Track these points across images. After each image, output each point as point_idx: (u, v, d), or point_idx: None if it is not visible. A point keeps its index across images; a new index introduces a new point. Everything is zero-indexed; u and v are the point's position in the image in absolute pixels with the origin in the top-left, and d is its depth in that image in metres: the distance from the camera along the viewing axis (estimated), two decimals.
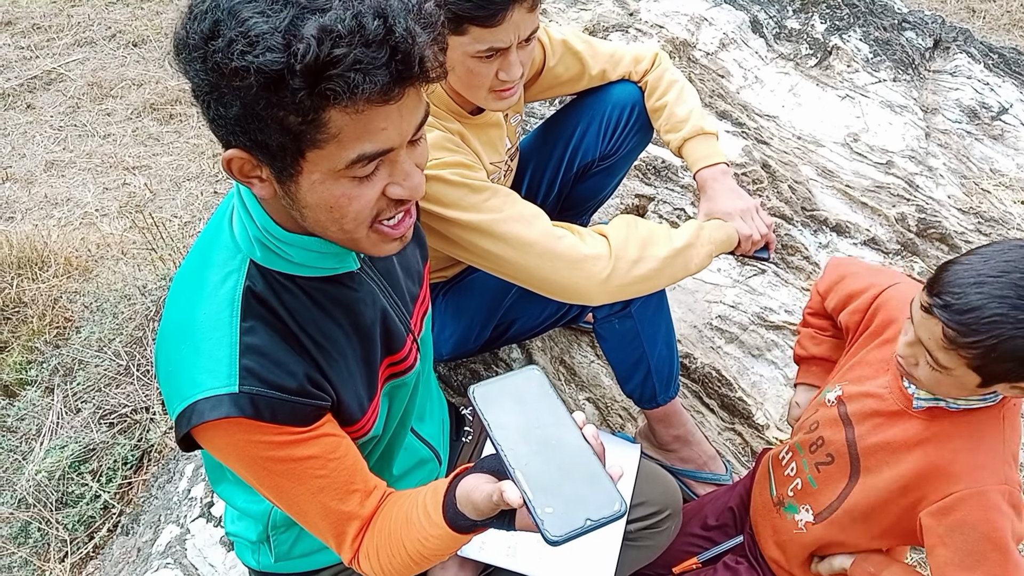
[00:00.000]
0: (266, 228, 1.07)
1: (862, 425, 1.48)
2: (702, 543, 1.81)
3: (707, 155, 1.84)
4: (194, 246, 1.18)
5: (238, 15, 0.86)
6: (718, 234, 1.71)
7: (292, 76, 0.85)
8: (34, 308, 3.21)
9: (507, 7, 1.45)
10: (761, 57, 3.42)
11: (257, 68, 0.85)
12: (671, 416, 2.03)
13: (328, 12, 0.86)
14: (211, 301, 1.07)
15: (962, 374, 1.25)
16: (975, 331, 1.18)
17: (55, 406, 2.75)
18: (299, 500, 1.12)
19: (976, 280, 1.20)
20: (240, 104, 0.89)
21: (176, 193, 4.20)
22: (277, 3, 0.87)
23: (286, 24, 0.85)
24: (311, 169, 0.96)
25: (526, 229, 1.55)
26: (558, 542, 0.89)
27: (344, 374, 1.16)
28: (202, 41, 0.88)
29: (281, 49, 0.85)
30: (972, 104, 3.31)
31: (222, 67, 0.87)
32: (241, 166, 0.98)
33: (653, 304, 1.84)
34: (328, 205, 1.00)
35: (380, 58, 0.88)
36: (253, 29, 0.85)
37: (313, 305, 1.13)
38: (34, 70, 5.22)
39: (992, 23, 5.44)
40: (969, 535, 1.29)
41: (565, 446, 0.96)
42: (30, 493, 2.49)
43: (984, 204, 2.93)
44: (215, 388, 1.02)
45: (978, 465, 1.31)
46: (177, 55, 0.93)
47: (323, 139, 0.92)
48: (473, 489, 1.01)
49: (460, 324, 1.94)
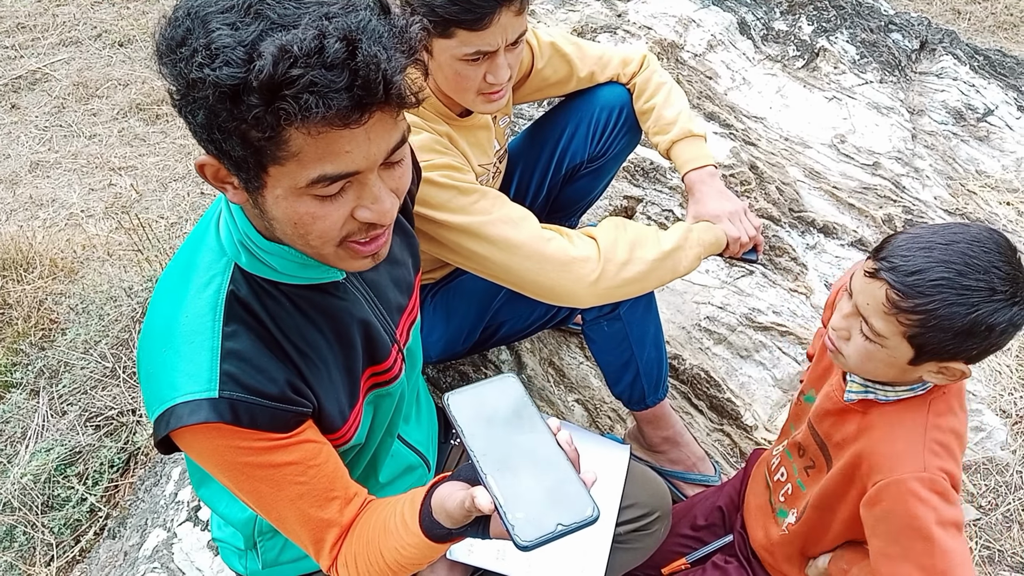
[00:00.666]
0: (247, 233, 1.06)
1: (821, 425, 1.50)
2: (691, 543, 1.82)
3: (695, 157, 1.85)
4: (181, 248, 1.17)
5: (207, 24, 0.86)
6: (707, 236, 1.71)
7: (248, 92, 0.84)
8: (19, 310, 3.18)
9: (494, 11, 1.45)
10: (749, 59, 3.43)
11: (212, 81, 0.84)
12: (660, 418, 2.03)
13: (293, 31, 0.85)
14: (194, 304, 1.06)
15: (895, 345, 1.26)
16: (919, 293, 1.20)
17: (40, 408, 2.73)
18: (278, 506, 1.12)
19: (925, 245, 1.22)
20: (204, 114, 0.88)
21: (162, 194, 4.18)
22: (248, 15, 0.86)
23: (252, 38, 0.84)
24: (274, 184, 0.94)
25: (514, 231, 1.54)
26: (528, 547, 0.88)
27: (325, 382, 1.15)
28: (169, 49, 0.89)
29: (241, 64, 0.84)
30: (958, 106, 3.34)
31: (185, 76, 0.87)
32: (215, 172, 0.97)
33: (641, 306, 1.84)
34: (292, 221, 0.98)
35: (338, 82, 0.85)
36: (216, 41, 0.84)
37: (296, 312, 1.12)
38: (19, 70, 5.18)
39: (977, 25, 5.47)
40: (893, 524, 1.29)
41: (538, 452, 0.96)
42: (15, 496, 2.47)
43: (970, 205, 2.95)
44: (194, 392, 1.01)
45: (896, 454, 1.31)
46: (158, 60, 0.93)
47: (283, 156, 0.91)
48: (447, 497, 1.00)
49: (449, 326, 1.93)
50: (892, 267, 1.23)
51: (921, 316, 1.21)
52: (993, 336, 1.20)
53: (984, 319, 1.18)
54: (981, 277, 1.18)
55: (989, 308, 1.18)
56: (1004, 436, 2.25)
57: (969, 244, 1.21)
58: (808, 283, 2.60)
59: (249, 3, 0.87)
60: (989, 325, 1.19)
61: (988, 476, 2.17)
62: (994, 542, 2.05)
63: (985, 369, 2.44)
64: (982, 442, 2.25)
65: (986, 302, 1.18)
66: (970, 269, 1.19)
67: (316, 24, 0.86)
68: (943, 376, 1.29)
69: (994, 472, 2.18)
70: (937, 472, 1.28)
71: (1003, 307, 1.18)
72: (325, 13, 0.87)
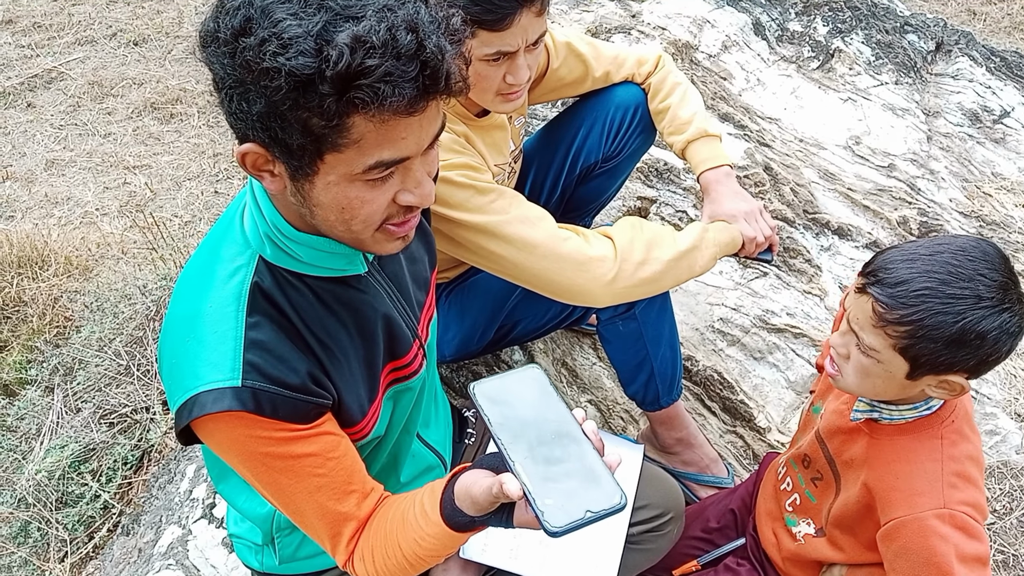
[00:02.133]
0: (275, 224, 1.07)
1: (831, 442, 1.50)
2: (703, 546, 1.81)
3: (710, 157, 1.85)
4: (204, 239, 1.18)
5: (271, 15, 0.87)
6: (722, 236, 1.71)
7: (322, 81, 0.86)
8: (34, 307, 3.20)
9: (515, 11, 1.45)
10: (763, 60, 3.42)
11: (288, 71, 0.85)
12: (674, 419, 2.03)
13: (362, 21, 0.87)
14: (218, 294, 1.07)
15: (889, 359, 1.25)
16: (903, 304, 1.20)
17: (55, 406, 2.75)
18: (296, 498, 1.12)
19: (908, 258, 1.23)
20: (265, 102, 0.89)
21: (176, 192, 4.20)
22: (310, 7, 0.87)
23: (319, 29, 0.86)
24: (327, 171, 0.96)
25: (531, 231, 1.55)
26: (558, 533, 0.89)
27: (346, 375, 1.16)
28: (232, 36, 0.88)
29: (313, 54, 0.85)
30: (974, 107, 3.32)
31: (252, 65, 0.87)
32: (255, 160, 0.98)
33: (657, 306, 1.84)
34: (340, 206, 1.00)
35: (410, 72, 0.88)
36: (287, 31, 0.85)
37: (319, 304, 1.13)
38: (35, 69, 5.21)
39: (993, 26, 5.44)
40: (913, 561, 1.28)
41: (565, 441, 0.97)
42: (30, 493, 2.49)
43: (986, 207, 2.94)
44: (218, 381, 1.02)
45: (915, 491, 1.30)
46: (203, 47, 0.93)
47: (344, 143, 0.93)
48: (472, 484, 1.01)
49: (464, 325, 1.93)
50: (877, 280, 1.24)
51: (908, 327, 1.21)
52: (986, 345, 1.19)
53: (972, 327, 1.18)
54: (966, 285, 1.18)
55: (976, 315, 1.17)
56: (1019, 440, 2.24)
57: (954, 254, 1.21)
58: (822, 285, 2.59)
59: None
60: (979, 333, 1.18)
61: (1003, 480, 2.16)
62: (1008, 546, 2.04)
63: (1000, 373, 2.43)
64: (996, 446, 2.23)
65: (972, 310, 1.17)
66: (954, 278, 1.19)
67: (382, 15, 0.88)
68: (944, 390, 1.28)
69: (1008, 476, 2.16)
70: (958, 506, 1.27)
71: (991, 314, 1.18)
72: (386, 4, 0.89)
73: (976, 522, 1.27)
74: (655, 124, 1.99)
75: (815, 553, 1.55)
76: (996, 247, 1.24)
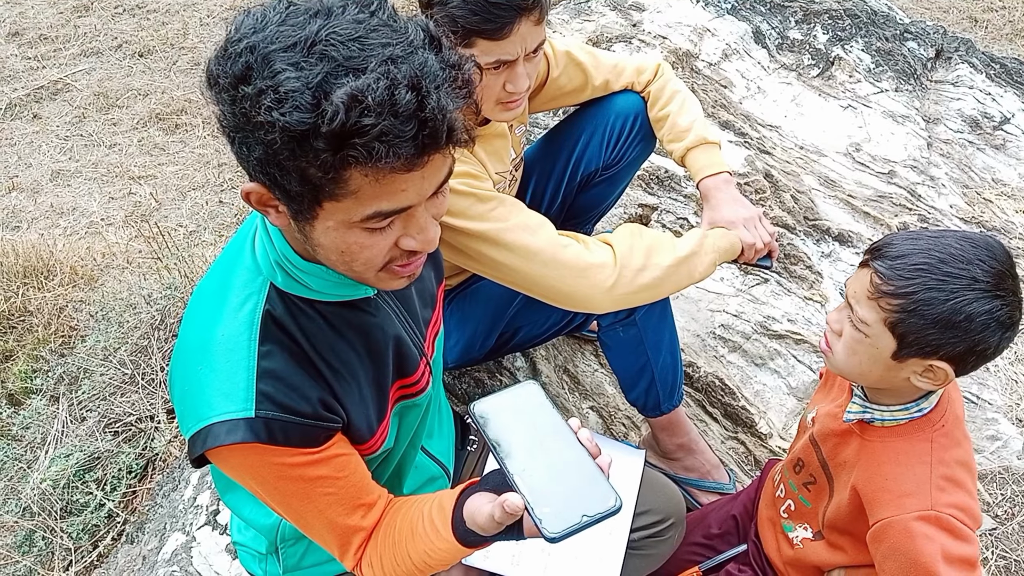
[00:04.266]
0: (284, 254, 1.08)
1: (824, 445, 1.51)
2: (704, 552, 1.81)
3: (710, 164, 1.86)
4: (214, 264, 1.19)
5: (271, 64, 0.86)
6: (722, 242, 1.72)
7: (316, 137, 0.84)
8: (39, 317, 3.21)
9: (514, 20, 1.46)
10: (764, 68, 3.43)
11: (283, 126, 0.84)
12: (675, 425, 2.03)
13: (362, 75, 0.85)
14: (230, 323, 1.07)
15: (878, 334, 1.27)
16: (900, 276, 1.23)
17: (60, 415, 2.76)
18: (307, 515, 1.14)
19: (912, 237, 1.27)
20: (263, 150, 0.88)
21: (181, 203, 4.22)
22: (312, 56, 0.85)
23: (318, 80, 0.84)
24: (326, 217, 0.96)
25: (531, 238, 1.56)
26: (557, 539, 0.92)
27: (356, 397, 1.17)
28: (232, 83, 0.88)
29: (309, 108, 0.84)
30: (974, 114, 3.33)
31: (249, 115, 0.86)
32: (259, 197, 0.98)
33: (657, 312, 1.85)
34: (339, 249, 1.00)
35: (407, 131, 0.86)
36: (284, 84, 0.84)
37: (329, 329, 1.13)
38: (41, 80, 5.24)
39: (994, 33, 5.45)
40: (900, 561, 1.29)
41: (561, 451, 1.00)
42: (35, 501, 2.50)
43: (986, 214, 2.94)
44: (232, 412, 1.03)
45: (904, 492, 1.32)
46: (208, 87, 0.92)
47: (341, 194, 0.92)
48: (476, 511, 1.03)
49: (465, 332, 1.94)
50: (878, 255, 1.28)
51: (901, 300, 1.23)
52: (974, 330, 1.20)
53: (962, 307, 1.19)
54: (963, 267, 1.20)
55: (968, 297, 1.19)
56: (1020, 445, 2.24)
57: (959, 240, 1.24)
58: (823, 291, 2.59)
59: (312, 41, 0.86)
60: (968, 315, 1.19)
61: (1004, 485, 2.16)
62: (1011, 552, 2.04)
63: (1001, 378, 2.43)
64: (998, 451, 2.23)
65: (966, 290, 1.19)
66: (953, 258, 1.21)
67: (384, 70, 0.85)
68: (928, 379, 1.29)
69: (1010, 481, 2.17)
70: (945, 508, 1.28)
71: (982, 297, 1.19)
72: (390, 56, 0.87)
73: (964, 525, 1.28)
74: (655, 132, 2.00)
75: (815, 557, 1.55)
76: (1003, 246, 1.26)
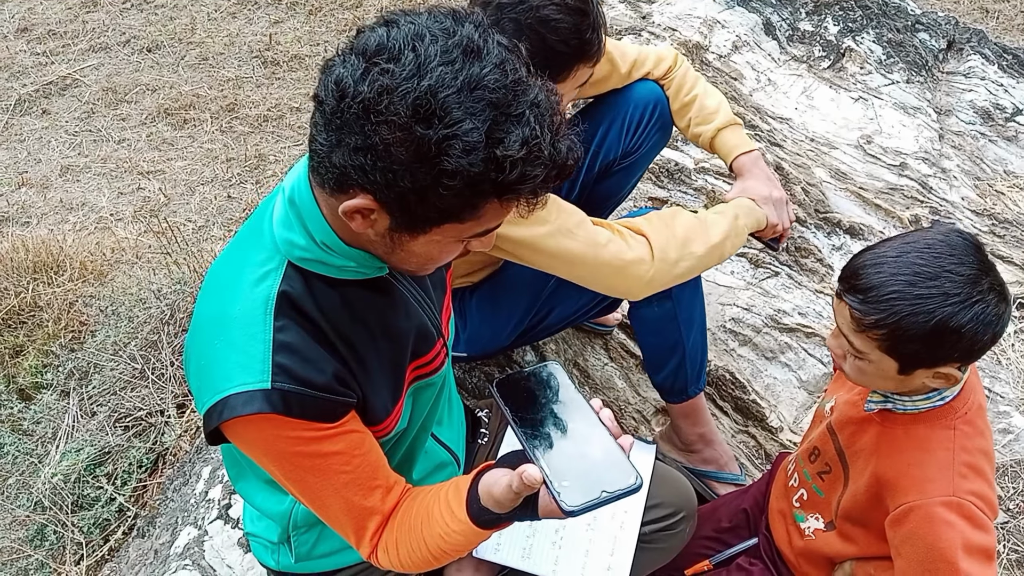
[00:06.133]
0: (324, 241, 1.08)
1: (842, 433, 1.51)
2: (715, 545, 1.81)
3: (742, 143, 1.92)
4: (232, 242, 1.20)
5: (449, 112, 0.89)
6: (750, 220, 1.79)
7: (488, 183, 0.92)
8: (50, 312, 3.22)
9: (573, 66, 1.60)
10: (774, 59, 3.41)
11: (469, 176, 0.90)
12: (697, 411, 2.05)
13: (523, 123, 0.91)
14: (247, 298, 1.09)
15: (878, 359, 1.28)
16: (875, 309, 1.23)
17: (71, 409, 2.77)
18: (323, 494, 1.14)
19: (876, 262, 1.26)
20: (414, 182, 0.92)
21: (190, 197, 4.22)
22: (479, 102, 0.90)
23: (487, 128, 0.90)
24: (440, 233, 1.01)
25: (571, 243, 1.60)
26: (575, 512, 0.92)
27: (372, 375, 1.18)
28: (407, 120, 0.89)
29: (484, 159, 0.90)
30: (986, 105, 3.30)
31: (429, 157, 0.90)
32: (362, 209, 0.99)
33: (690, 288, 1.88)
34: (429, 255, 1.07)
35: (553, 176, 0.96)
36: (468, 135, 0.89)
37: (344, 307, 1.14)
38: (50, 76, 5.24)
39: (1006, 23, 5.40)
40: (919, 546, 1.30)
41: (582, 428, 1.01)
42: (46, 496, 2.51)
43: (998, 206, 2.92)
44: (248, 383, 1.04)
45: (926, 478, 1.32)
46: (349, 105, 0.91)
47: (468, 218, 0.98)
48: (493, 484, 1.04)
49: (497, 319, 1.96)
50: (849, 287, 1.28)
51: (885, 330, 1.24)
52: (964, 338, 1.21)
53: (946, 322, 1.20)
54: (932, 284, 1.21)
55: (947, 311, 1.20)
56: None
57: (920, 253, 1.24)
58: (834, 284, 2.58)
59: (475, 84, 0.90)
60: (953, 328, 1.20)
61: (1016, 479, 2.15)
62: (1022, 545, 2.03)
63: (1013, 371, 2.42)
64: (1010, 444, 2.22)
65: (942, 307, 1.20)
66: (920, 278, 1.21)
67: (535, 115, 0.93)
68: (941, 381, 1.30)
69: (1022, 475, 2.16)
70: (967, 496, 1.29)
71: (961, 309, 1.20)
72: (534, 100, 0.93)
73: (984, 514, 1.28)
74: (676, 120, 2.03)
75: (826, 548, 1.55)
76: (965, 237, 1.26)
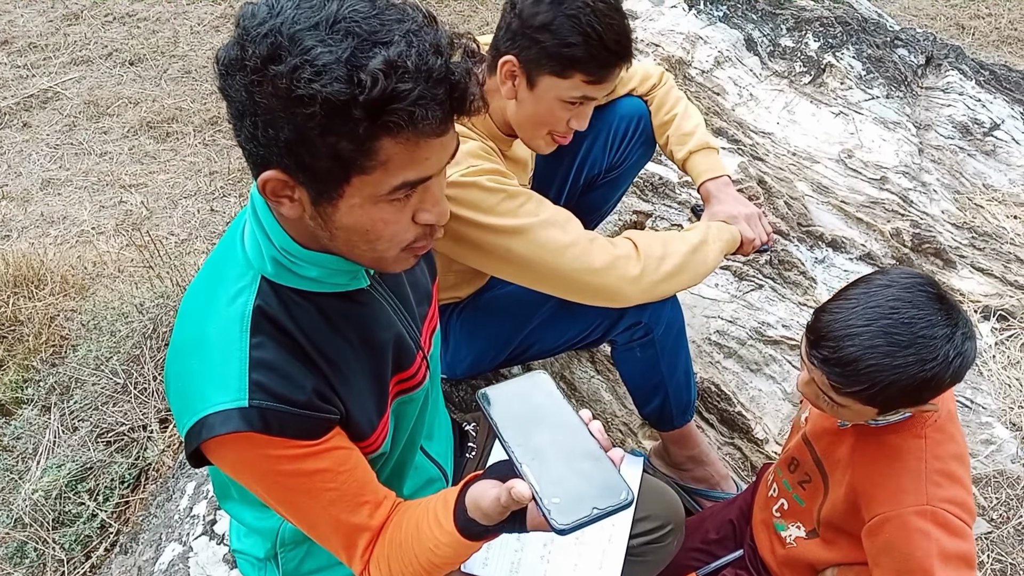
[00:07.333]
0: (283, 247, 1.07)
1: (819, 443, 1.53)
2: (702, 557, 1.82)
3: (711, 168, 1.91)
4: (206, 262, 1.18)
5: (300, 42, 0.88)
6: (724, 234, 1.76)
7: (355, 107, 0.87)
8: (30, 326, 3.19)
9: (617, 67, 1.53)
10: (756, 75, 3.45)
11: (324, 97, 0.86)
12: (687, 437, 2.06)
13: (391, 46, 0.88)
14: (222, 317, 1.07)
15: (860, 408, 1.32)
16: (857, 381, 1.26)
17: (52, 425, 2.74)
18: (310, 513, 1.13)
19: (847, 332, 1.27)
20: (294, 129, 0.90)
21: (173, 211, 4.20)
22: (337, 33, 0.88)
23: (348, 55, 0.87)
24: (353, 193, 0.98)
25: (562, 234, 1.57)
26: (566, 531, 0.89)
27: (353, 390, 1.16)
28: (261, 63, 0.89)
29: (345, 80, 0.87)
30: (964, 120, 3.35)
31: (283, 92, 0.88)
32: (275, 186, 0.98)
33: (674, 333, 1.87)
34: (364, 228, 1.02)
35: (440, 95, 0.91)
36: (319, 58, 0.87)
37: (323, 321, 1.13)
38: (31, 88, 5.22)
39: (981, 40, 5.49)
40: (895, 556, 1.32)
41: (572, 441, 0.98)
42: (26, 512, 2.47)
43: (978, 219, 2.96)
44: (225, 402, 1.02)
45: (899, 488, 1.34)
46: (224, 75, 0.94)
47: (371, 166, 0.94)
48: (480, 496, 1.01)
49: (476, 345, 1.94)
50: (824, 359, 1.29)
51: (868, 395, 1.27)
52: (944, 384, 1.26)
53: (926, 379, 1.24)
54: (909, 352, 1.23)
55: (927, 371, 1.23)
56: (1015, 449, 2.25)
57: (888, 317, 1.25)
58: (817, 297, 2.60)
59: (334, 19, 0.89)
60: (929, 378, 1.24)
61: (999, 489, 2.17)
62: (1006, 555, 2.04)
63: (995, 382, 2.44)
64: (992, 455, 2.24)
65: (921, 370, 1.23)
66: (896, 347, 1.24)
67: (409, 39, 0.90)
68: (919, 410, 1.34)
69: (1005, 485, 2.17)
70: (940, 503, 1.30)
71: (938, 368, 1.24)
72: (410, 29, 0.91)
73: (961, 520, 1.30)
74: (656, 137, 2.03)
75: (808, 555, 1.56)
76: (923, 284, 1.28)
